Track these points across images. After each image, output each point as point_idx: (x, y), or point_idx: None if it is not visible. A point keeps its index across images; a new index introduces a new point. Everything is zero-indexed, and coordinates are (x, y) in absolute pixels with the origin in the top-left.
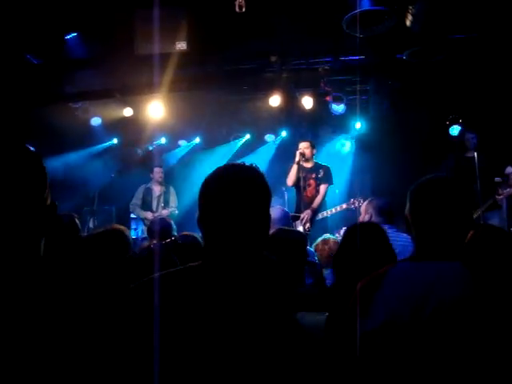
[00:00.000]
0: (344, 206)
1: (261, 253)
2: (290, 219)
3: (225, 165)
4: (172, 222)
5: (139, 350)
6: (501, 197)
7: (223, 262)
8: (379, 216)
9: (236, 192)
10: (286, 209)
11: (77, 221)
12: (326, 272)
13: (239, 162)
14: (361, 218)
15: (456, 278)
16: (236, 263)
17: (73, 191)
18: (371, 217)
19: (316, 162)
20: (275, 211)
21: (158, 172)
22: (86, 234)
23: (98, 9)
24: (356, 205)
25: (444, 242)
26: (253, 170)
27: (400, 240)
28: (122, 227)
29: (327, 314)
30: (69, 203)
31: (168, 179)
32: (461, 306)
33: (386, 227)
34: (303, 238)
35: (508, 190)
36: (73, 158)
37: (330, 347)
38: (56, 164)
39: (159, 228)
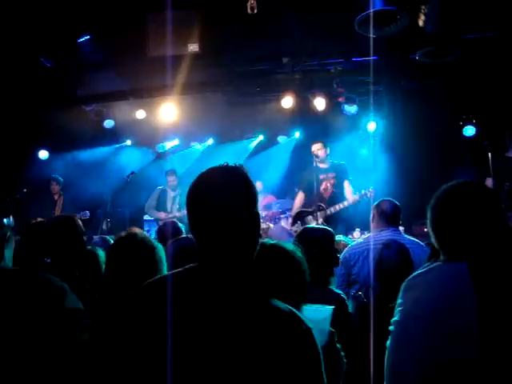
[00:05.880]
0: (356, 197)
1: (251, 255)
2: (288, 232)
3: (207, 169)
4: (182, 227)
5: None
6: None
7: (208, 266)
8: (381, 219)
9: (212, 197)
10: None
11: (78, 221)
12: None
13: (224, 163)
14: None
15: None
16: (221, 267)
17: (86, 193)
18: (374, 217)
19: (331, 162)
20: (275, 229)
21: (170, 180)
22: (99, 235)
23: (111, 12)
24: (368, 195)
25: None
26: (234, 172)
27: (407, 243)
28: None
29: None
30: (83, 205)
31: (185, 182)
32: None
33: (388, 230)
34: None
35: None
36: (86, 160)
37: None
38: (69, 166)
39: (169, 229)
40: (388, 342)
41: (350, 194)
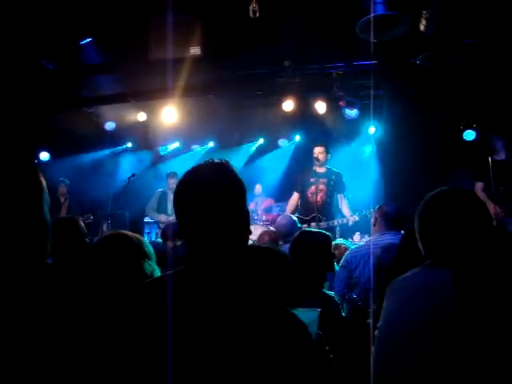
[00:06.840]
0: (356, 218)
1: (240, 252)
2: (297, 226)
3: (193, 167)
4: None
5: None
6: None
7: (197, 267)
8: (384, 222)
9: (198, 195)
10: (293, 216)
11: (81, 223)
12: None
13: (211, 159)
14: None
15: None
16: (210, 267)
17: (87, 195)
18: (375, 221)
19: (329, 168)
20: (283, 218)
21: (171, 183)
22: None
23: (113, 14)
24: (368, 216)
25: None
26: (220, 169)
27: None
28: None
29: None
30: (83, 207)
31: None
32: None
33: (390, 233)
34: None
35: None
36: (87, 162)
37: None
38: (70, 168)
39: (172, 231)
40: (373, 348)
41: (345, 208)
